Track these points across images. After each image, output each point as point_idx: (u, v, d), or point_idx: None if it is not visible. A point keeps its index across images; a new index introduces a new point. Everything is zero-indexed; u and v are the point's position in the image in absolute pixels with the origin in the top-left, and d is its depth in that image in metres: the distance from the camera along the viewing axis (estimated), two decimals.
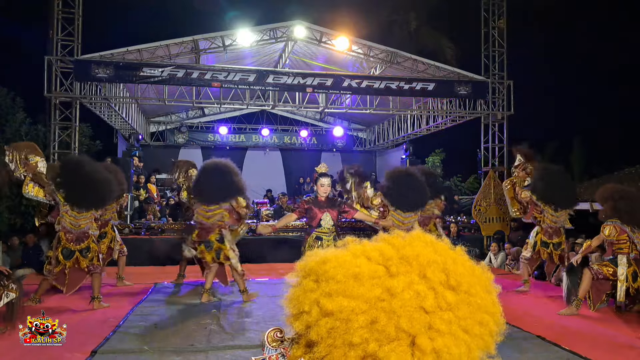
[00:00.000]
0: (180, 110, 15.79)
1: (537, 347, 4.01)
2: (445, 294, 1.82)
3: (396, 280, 1.82)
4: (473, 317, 1.82)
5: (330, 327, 1.76)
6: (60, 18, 10.15)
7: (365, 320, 1.74)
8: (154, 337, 4.14)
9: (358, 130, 17.62)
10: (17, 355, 3.54)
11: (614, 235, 5.16)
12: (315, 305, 1.83)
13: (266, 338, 2.12)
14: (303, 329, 1.87)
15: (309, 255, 2.00)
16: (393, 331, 1.73)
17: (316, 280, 1.89)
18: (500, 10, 11.99)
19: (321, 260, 1.93)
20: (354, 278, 1.83)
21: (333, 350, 1.75)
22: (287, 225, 4.64)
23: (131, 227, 8.89)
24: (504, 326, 1.91)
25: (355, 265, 1.87)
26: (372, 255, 1.93)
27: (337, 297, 1.79)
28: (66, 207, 5.22)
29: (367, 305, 1.77)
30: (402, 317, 1.74)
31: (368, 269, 1.86)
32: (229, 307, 5.35)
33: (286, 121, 17.07)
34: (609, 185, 5.57)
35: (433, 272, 1.85)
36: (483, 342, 1.82)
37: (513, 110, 11.94)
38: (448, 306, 1.80)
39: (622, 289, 5.07)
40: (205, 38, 10.78)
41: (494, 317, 1.87)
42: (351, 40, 11.21)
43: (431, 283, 1.83)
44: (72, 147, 10.39)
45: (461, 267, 1.92)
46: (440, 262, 1.89)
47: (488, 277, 1.98)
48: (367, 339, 1.72)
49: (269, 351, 2.10)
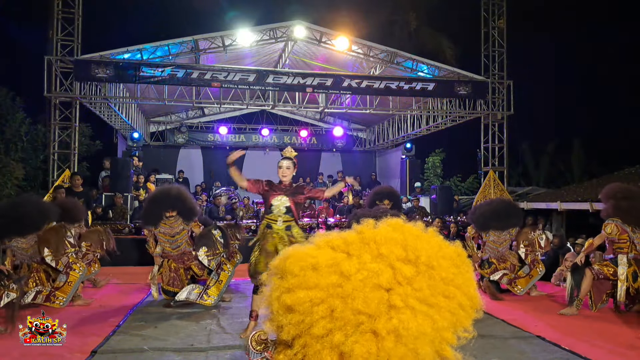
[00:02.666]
0: (180, 110, 15.79)
1: (537, 347, 4.01)
2: (403, 268, 1.77)
3: (349, 263, 1.78)
4: (435, 289, 1.76)
5: (295, 322, 1.73)
6: (60, 18, 10.15)
7: (325, 310, 1.71)
8: (154, 337, 4.14)
9: (358, 130, 17.62)
10: (17, 355, 3.53)
11: (616, 233, 5.16)
12: (278, 303, 1.81)
13: (250, 342, 2.07)
14: (275, 330, 1.84)
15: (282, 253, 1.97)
16: (351, 315, 1.68)
17: (280, 277, 1.87)
18: (500, 10, 12.00)
19: (284, 257, 1.91)
20: (312, 269, 1.79)
21: (307, 349, 1.72)
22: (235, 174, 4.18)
23: (131, 227, 8.89)
24: (480, 302, 1.86)
25: (312, 256, 1.84)
26: (336, 244, 1.89)
27: (296, 290, 1.76)
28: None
29: (325, 294, 1.73)
30: (356, 299, 1.70)
31: (326, 257, 1.82)
32: (229, 307, 5.35)
33: (286, 121, 17.06)
34: (614, 184, 5.54)
35: (389, 248, 1.81)
36: (452, 315, 1.76)
37: (513, 110, 11.94)
38: (406, 280, 1.75)
39: (622, 289, 5.07)
40: (205, 38, 10.78)
41: (463, 290, 1.81)
42: (351, 40, 11.21)
43: (387, 260, 1.79)
44: (72, 147, 10.39)
45: (424, 242, 1.87)
46: (400, 239, 1.85)
47: (460, 253, 1.93)
48: (331, 329, 1.68)
49: (254, 355, 2.05)
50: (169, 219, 5.40)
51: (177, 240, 5.47)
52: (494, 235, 6.20)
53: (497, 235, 6.19)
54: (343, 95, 12.33)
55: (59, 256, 5.14)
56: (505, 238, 6.21)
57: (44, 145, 10.81)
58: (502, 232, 6.16)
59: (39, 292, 5.14)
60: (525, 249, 6.19)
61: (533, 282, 6.14)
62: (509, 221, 6.14)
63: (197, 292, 5.25)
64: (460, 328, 1.79)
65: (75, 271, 5.21)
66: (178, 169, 15.18)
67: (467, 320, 1.81)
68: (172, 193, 5.46)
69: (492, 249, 6.23)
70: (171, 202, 5.37)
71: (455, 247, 1.94)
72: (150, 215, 5.43)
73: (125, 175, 9.97)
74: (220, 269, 5.39)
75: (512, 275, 6.13)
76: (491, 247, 6.23)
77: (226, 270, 5.39)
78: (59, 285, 5.19)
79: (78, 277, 5.22)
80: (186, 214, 5.46)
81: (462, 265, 1.89)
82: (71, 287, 5.18)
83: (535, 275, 6.13)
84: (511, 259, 6.20)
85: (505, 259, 6.21)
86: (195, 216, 5.59)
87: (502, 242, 6.21)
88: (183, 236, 5.48)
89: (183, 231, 5.48)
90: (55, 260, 5.12)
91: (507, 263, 6.19)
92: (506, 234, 6.19)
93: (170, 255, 5.49)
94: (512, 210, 6.34)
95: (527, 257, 6.16)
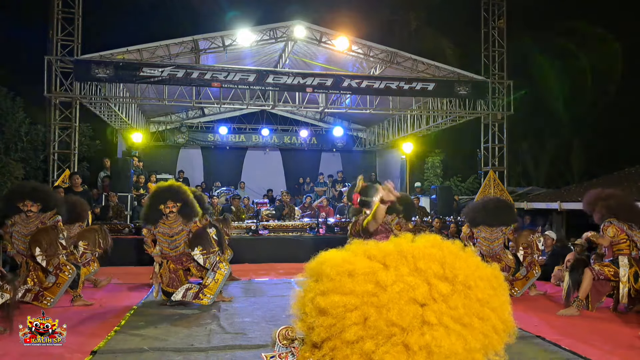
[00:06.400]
0: (180, 110, 15.79)
1: (537, 347, 4.01)
2: (439, 285, 1.76)
3: (386, 273, 1.78)
4: (470, 310, 1.76)
5: (327, 325, 1.74)
6: (60, 18, 10.16)
7: (358, 316, 1.72)
8: (154, 337, 4.13)
9: (358, 130, 17.63)
10: (17, 355, 3.53)
11: (617, 234, 5.17)
12: (311, 304, 1.82)
13: (277, 336, 2.13)
14: (306, 331, 1.86)
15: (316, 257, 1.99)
16: (384, 326, 1.69)
17: (316, 280, 1.89)
18: (500, 10, 12.01)
19: (321, 261, 1.93)
20: (348, 275, 1.81)
21: (336, 352, 1.73)
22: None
23: (131, 227, 8.88)
24: (513, 327, 1.84)
25: (350, 262, 1.85)
26: (372, 254, 1.91)
27: (331, 294, 1.78)
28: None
29: (359, 301, 1.74)
30: (391, 311, 1.70)
31: (363, 265, 1.84)
32: (229, 307, 5.35)
33: (286, 121, 17.06)
34: (590, 191, 5.67)
35: (426, 263, 1.81)
36: (485, 337, 1.75)
37: (513, 110, 11.94)
38: (441, 297, 1.75)
39: (624, 290, 5.06)
40: (205, 38, 10.78)
41: (498, 313, 1.80)
42: (351, 40, 11.21)
43: (424, 275, 1.79)
44: (72, 147, 10.40)
45: (462, 261, 1.86)
46: (438, 255, 1.85)
47: (497, 275, 1.92)
48: (362, 336, 1.69)
49: (280, 349, 2.10)
50: (169, 218, 5.40)
51: (176, 240, 5.47)
52: (485, 232, 6.20)
53: (488, 232, 6.18)
54: (343, 95, 12.33)
55: (50, 257, 5.14)
56: (498, 236, 6.20)
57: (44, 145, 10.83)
58: (494, 229, 6.16)
59: (29, 290, 5.13)
60: (524, 251, 6.21)
61: (529, 284, 6.20)
62: (499, 217, 6.14)
63: (193, 292, 5.25)
64: (491, 351, 1.78)
65: (65, 273, 5.17)
66: (178, 169, 15.19)
67: (499, 344, 1.79)
68: (174, 187, 5.51)
69: (484, 245, 6.22)
70: (173, 194, 5.39)
71: (492, 269, 1.93)
72: (151, 212, 5.44)
73: (125, 175, 9.97)
74: (217, 267, 5.39)
75: (509, 277, 6.14)
76: (483, 243, 6.22)
77: (222, 269, 5.39)
78: (47, 286, 5.17)
79: (67, 279, 5.17)
80: (187, 212, 5.47)
81: (499, 288, 1.88)
82: (60, 289, 5.15)
83: (532, 277, 6.17)
84: (505, 260, 6.21)
85: (500, 259, 6.21)
86: (196, 216, 5.59)
87: (495, 240, 6.20)
88: (182, 237, 5.48)
89: (182, 232, 5.48)
90: (46, 261, 5.12)
91: (502, 263, 6.19)
92: (498, 231, 6.18)
93: (169, 256, 5.49)
94: (502, 206, 6.36)
95: (525, 259, 6.18)
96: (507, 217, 6.24)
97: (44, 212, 5.31)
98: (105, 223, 8.28)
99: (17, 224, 5.24)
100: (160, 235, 5.45)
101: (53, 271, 5.16)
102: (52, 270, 5.16)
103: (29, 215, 5.23)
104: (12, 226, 5.25)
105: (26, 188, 5.42)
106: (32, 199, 5.24)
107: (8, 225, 5.24)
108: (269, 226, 9.33)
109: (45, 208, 5.31)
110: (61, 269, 5.18)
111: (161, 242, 5.47)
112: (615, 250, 5.23)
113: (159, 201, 5.41)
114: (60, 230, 5.36)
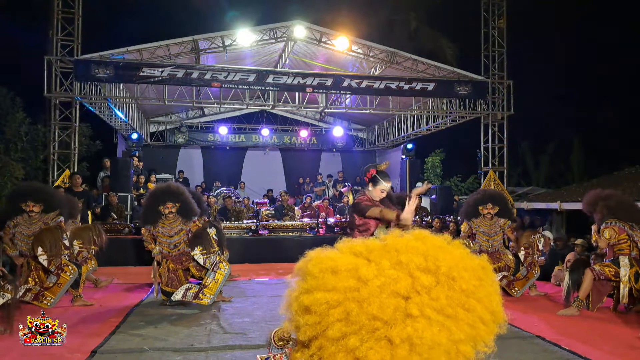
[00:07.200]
0: (180, 110, 15.80)
1: (537, 347, 4.01)
2: (422, 277, 1.76)
3: (367, 268, 1.79)
4: (454, 301, 1.75)
5: (312, 323, 1.75)
6: (60, 18, 10.16)
7: (341, 312, 1.72)
8: (154, 337, 4.13)
9: (358, 130, 17.63)
10: (17, 355, 3.53)
11: (615, 237, 5.16)
12: (297, 303, 1.83)
13: (272, 337, 2.13)
14: (294, 330, 1.87)
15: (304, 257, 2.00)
16: (366, 320, 1.69)
17: (302, 279, 1.90)
18: (500, 10, 12.01)
19: (307, 259, 1.93)
20: (331, 272, 1.81)
21: (323, 351, 1.73)
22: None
23: (131, 227, 8.88)
24: (503, 317, 1.83)
25: (333, 259, 1.85)
26: (359, 250, 1.90)
27: (314, 292, 1.78)
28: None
29: (342, 297, 1.74)
30: (372, 304, 1.70)
31: (347, 262, 1.83)
32: (229, 307, 5.35)
33: (286, 121, 17.07)
34: (591, 191, 5.66)
35: (409, 256, 1.80)
36: (471, 328, 1.74)
37: (513, 110, 11.94)
38: (424, 290, 1.74)
39: (624, 291, 5.06)
40: (205, 38, 10.79)
41: (484, 303, 1.79)
42: (351, 40, 11.21)
43: (407, 268, 1.79)
44: (72, 147, 10.40)
45: (446, 253, 1.85)
46: (421, 248, 1.84)
47: (484, 266, 1.90)
48: (346, 333, 1.69)
49: (274, 350, 2.11)
50: (168, 218, 5.40)
51: (175, 240, 5.48)
52: (483, 226, 6.21)
53: (486, 227, 6.20)
54: (343, 95, 12.33)
55: (52, 257, 5.14)
56: (496, 231, 6.20)
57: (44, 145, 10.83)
58: (492, 223, 6.17)
59: (29, 290, 5.14)
60: (525, 251, 6.21)
61: (529, 284, 6.20)
62: (491, 197, 6.21)
63: (193, 292, 5.25)
64: (480, 342, 1.77)
65: (67, 273, 5.18)
66: (178, 169, 15.20)
67: (488, 334, 1.78)
68: (172, 188, 5.53)
69: (483, 241, 6.22)
70: (171, 195, 5.40)
71: (480, 259, 1.91)
72: (150, 213, 5.44)
73: (125, 175, 9.97)
74: (217, 267, 5.39)
75: (510, 277, 6.14)
76: (482, 238, 6.22)
77: (222, 269, 5.39)
78: (48, 286, 5.18)
79: (68, 279, 5.18)
80: (186, 212, 5.47)
81: (485, 279, 1.86)
82: (60, 289, 5.16)
83: (532, 277, 6.17)
84: (505, 259, 6.21)
85: (500, 258, 6.21)
86: (195, 216, 5.59)
87: (494, 235, 6.20)
88: (181, 236, 5.49)
89: (182, 232, 5.48)
90: (48, 261, 5.12)
91: (502, 263, 6.19)
92: (496, 226, 6.19)
93: (169, 255, 5.49)
94: (496, 196, 6.39)
95: (525, 259, 6.18)
96: (502, 207, 6.25)
97: (47, 213, 5.33)
98: (105, 223, 8.27)
99: (19, 225, 5.26)
100: (159, 235, 5.46)
101: (55, 271, 5.17)
102: (53, 270, 5.17)
103: (31, 216, 5.24)
104: (15, 227, 5.25)
105: (29, 189, 5.44)
106: (35, 200, 5.26)
107: (10, 227, 5.25)
108: (269, 226, 9.32)
109: (47, 209, 5.33)
110: (63, 269, 5.19)
111: (161, 241, 5.47)
112: (616, 250, 5.23)
113: (157, 202, 5.42)
114: (63, 230, 5.37)
